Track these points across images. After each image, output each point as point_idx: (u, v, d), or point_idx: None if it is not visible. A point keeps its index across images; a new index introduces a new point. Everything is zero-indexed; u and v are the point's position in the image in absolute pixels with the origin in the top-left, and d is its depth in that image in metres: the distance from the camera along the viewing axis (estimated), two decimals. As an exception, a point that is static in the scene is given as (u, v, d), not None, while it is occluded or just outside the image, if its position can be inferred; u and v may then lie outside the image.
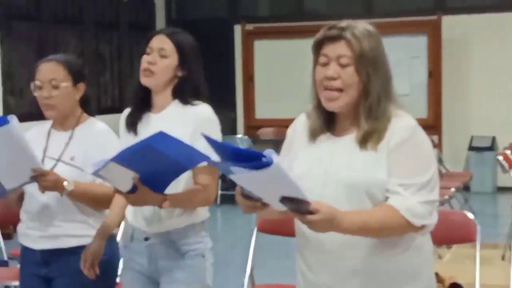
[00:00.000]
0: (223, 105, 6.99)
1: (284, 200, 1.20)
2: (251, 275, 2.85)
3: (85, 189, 2.00)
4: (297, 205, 1.20)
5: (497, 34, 6.36)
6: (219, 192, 4.59)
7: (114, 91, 6.53)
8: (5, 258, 4.09)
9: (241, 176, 1.21)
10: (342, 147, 1.40)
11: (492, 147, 6.22)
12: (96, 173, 1.66)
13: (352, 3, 6.83)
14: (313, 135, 1.44)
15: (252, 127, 6.69)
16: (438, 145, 6.10)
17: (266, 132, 6.64)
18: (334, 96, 1.33)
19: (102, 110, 6.03)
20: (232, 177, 1.25)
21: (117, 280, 2.27)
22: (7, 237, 4.17)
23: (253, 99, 6.93)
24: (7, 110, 5.36)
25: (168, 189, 1.76)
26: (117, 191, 1.73)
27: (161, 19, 7.09)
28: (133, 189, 1.68)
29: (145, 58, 1.83)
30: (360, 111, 1.38)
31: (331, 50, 1.35)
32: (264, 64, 6.87)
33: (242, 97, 6.98)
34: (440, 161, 5.79)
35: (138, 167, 1.67)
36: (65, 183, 1.94)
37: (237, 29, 6.78)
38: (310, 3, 7.11)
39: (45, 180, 1.90)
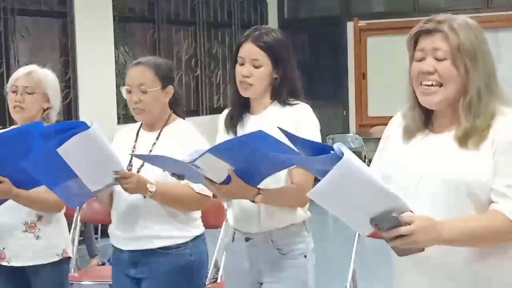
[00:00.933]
0: (335, 103, 6.92)
1: (373, 220, 1.14)
2: (353, 278, 2.78)
3: (168, 190, 1.97)
4: (389, 221, 1.13)
5: None
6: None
7: (226, 90, 6.57)
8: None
9: (328, 190, 1.16)
10: (440, 145, 1.33)
11: None
12: (192, 162, 1.64)
13: None
14: (409, 134, 1.38)
15: (364, 125, 6.52)
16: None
17: (379, 131, 6.16)
18: (431, 90, 1.28)
19: (214, 110, 6.22)
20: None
21: (207, 282, 2.27)
22: (102, 234, 4.41)
23: (366, 97, 6.80)
24: (119, 110, 5.64)
25: (263, 183, 1.74)
26: (210, 182, 1.69)
27: (274, 18, 7.18)
28: (227, 181, 1.66)
29: (239, 70, 1.79)
30: (459, 108, 1.32)
31: (427, 43, 1.30)
32: (377, 61, 6.72)
33: (354, 95, 6.84)
34: None
35: (234, 160, 1.65)
36: (148, 185, 1.91)
37: (350, 26, 6.72)
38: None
39: (127, 182, 1.88)
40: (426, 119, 1.38)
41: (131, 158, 2.04)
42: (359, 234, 2.60)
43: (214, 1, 6.60)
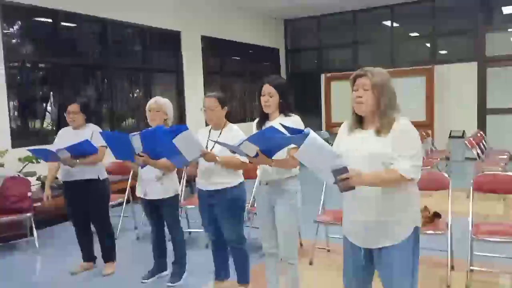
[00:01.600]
0: (315, 115, 10.90)
1: (334, 172, 1.78)
2: (323, 205, 4.04)
3: (228, 160, 2.88)
4: (340, 172, 1.81)
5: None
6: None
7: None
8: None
9: (304, 153, 1.79)
10: (367, 135, 2.03)
11: (462, 136, 9.06)
12: (238, 145, 2.49)
13: (381, 58, 9.99)
14: (350, 129, 2.14)
15: (330, 126, 10.25)
16: (432, 135, 9.00)
17: (336, 129, 9.76)
18: (359, 106, 2.05)
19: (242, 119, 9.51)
20: (309, 161, 1.89)
21: (247, 206, 3.15)
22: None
23: (330, 111, 10.50)
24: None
25: (275, 156, 2.56)
26: (247, 156, 2.56)
27: (284, 71, 11.14)
28: (256, 156, 2.51)
29: (263, 100, 2.70)
30: (376, 115, 2.04)
31: (359, 81, 2.03)
32: (336, 94, 10.42)
33: (324, 110, 10.59)
34: (432, 144, 8.54)
35: (259, 144, 2.46)
36: (217, 158, 2.86)
37: (322, 77, 10.62)
38: (361, 60, 10.34)
39: (207, 156, 2.82)
40: (359, 122, 2.06)
41: (207, 143, 2.97)
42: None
43: (255, 63, 10.10)
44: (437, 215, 3.69)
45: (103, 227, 3.97)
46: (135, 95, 8.11)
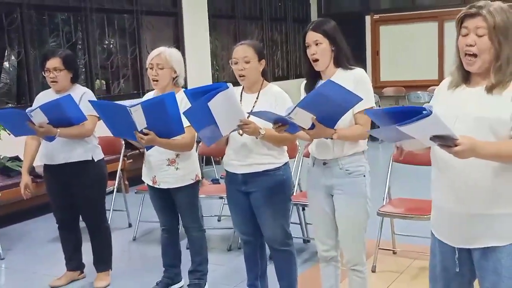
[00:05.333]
0: None
1: (434, 138, 1.72)
2: (388, 192, 4.01)
3: (272, 134, 2.77)
4: (445, 140, 1.72)
5: None
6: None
7: (283, 65, 10.36)
8: (217, 177, 5.91)
9: (407, 129, 1.72)
10: (474, 94, 1.99)
11: None
12: (288, 115, 2.45)
13: None
14: (453, 86, 2.08)
15: (378, 87, 10.16)
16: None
17: (388, 91, 9.99)
18: (473, 61, 1.95)
19: (275, 78, 9.73)
20: (387, 135, 1.95)
21: (294, 194, 3.22)
22: (217, 163, 6.18)
23: (379, 67, 10.54)
24: (213, 80, 8.45)
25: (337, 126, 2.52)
26: (302, 129, 2.53)
27: (315, 13, 11.12)
28: (312, 127, 2.47)
29: (309, 52, 2.67)
30: (490, 69, 1.95)
31: (470, 23, 1.93)
32: (385, 43, 10.53)
33: (371, 66, 10.61)
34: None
35: (315, 111, 2.40)
36: (261, 130, 2.77)
37: (368, 19, 10.57)
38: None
39: (248, 127, 2.75)
40: (466, 76, 2.03)
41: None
42: (392, 161, 3.88)
43: (275, 2, 10.12)
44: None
45: (98, 225, 3.93)
46: (120, 47, 8.05)
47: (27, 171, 3.80)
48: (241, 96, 3.04)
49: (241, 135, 2.89)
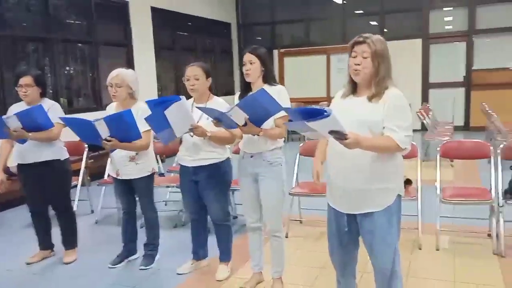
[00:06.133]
0: None
1: (331, 132, 1.81)
2: (297, 178, 4.08)
3: (216, 134, 2.79)
4: (339, 134, 1.83)
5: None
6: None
7: (213, 85, 9.96)
8: (163, 171, 5.46)
9: (313, 125, 1.76)
10: (359, 101, 2.08)
11: None
12: (228, 112, 2.43)
13: (334, 35, 10.27)
14: (345, 96, 2.16)
15: None
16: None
17: (292, 105, 10.19)
18: (357, 72, 2.04)
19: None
20: (299, 128, 1.91)
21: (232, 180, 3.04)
22: (163, 161, 5.69)
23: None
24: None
25: (262, 126, 2.51)
26: (236, 125, 2.47)
27: (236, 48, 11.02)
28: (245, 124, 2.47)
29: (244, 68, 2.64)
30: (372, 83, 2.04)
31: (358, 48, 2.03)
32: (289, 70, 10.69)
33: None
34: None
35: (248, 112, 2.41)
36: (207, 132, 2.75)
37: (275, 52, 10.66)
38: (312, 36, 10.71)
39: (197, 130, 2.72)
40: (353, 89, 2.11)
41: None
42: (299, 154, 3.98)
43: (206, 38, 9.86)
44: (409, 182, 3.76)
45: (65, 212, 3.69)
46: (81, 71, 7.58)
47: (2, 170, 3.51)
48: (192, 105, 2.92)
49: (192, 136, 2.83)
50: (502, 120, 6.60)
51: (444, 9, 9.98)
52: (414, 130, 5.72)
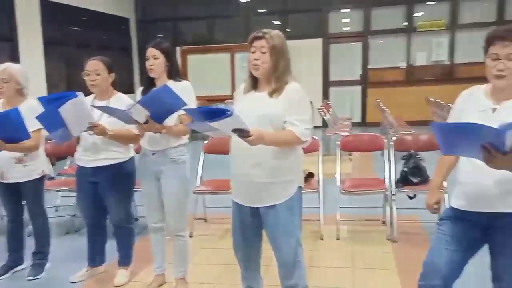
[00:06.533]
0: None
1: (234, 130, 1.84)
2: (201, 177, 4.03)
3: (119, 133, 2.68)
4: (242, 132, 1.86)
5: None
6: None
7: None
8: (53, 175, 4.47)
9: (215, 125, 1.77)
10: (260, 97, 2.11)
11: None
12: (128, 110, 2.35)
13: (238, 33, 10.31)
14: (246, 91, 2.16)
15: None
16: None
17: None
18: (256, 67, 2.06)
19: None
20: (201, 128, 1.91)
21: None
22: (53, 164, 4.65)
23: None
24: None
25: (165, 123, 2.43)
26: (136, 123, 2.39)
27: (135, 45, 10.67)
28: (146, 122, 2.39)
29: (147, 63, 2.57)
30: (272, 78, 2.08)
31: (257, 44, 2.06)
32: (193, 67, 10.65)
33: None
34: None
35: (150, 108, 2.34)
36: (108, 131, 2.63)
37: (178, 49, 10.50)
38: (216, 34, 10.79)
39: (97, 129, 2.60)
40: (255, 84, 2.12)
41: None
42: (204, 152, 3.95)
43: (103, 33, 9.37)
44: (311, 175, 3.93)
45: None
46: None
47: None
48: (92, 102, 2.80)
49: (91, 135, 2.70)
50: (394, 115, 7.22)
51: (342, 10, 10.60)
52: (316, 127, 5.78)
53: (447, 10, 10.04)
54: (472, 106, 1.86)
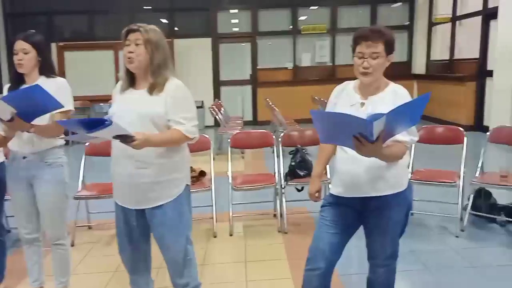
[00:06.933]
0: None
1: (116, 137, 1.84)
2: (83, 180, 3.85)
3: None
4: (125, 138, 1.84)
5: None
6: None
7: None
8: None
9: (94, 135, 1.76)
10: (139, 95, 2.06)
11: (201, 106, 9.84)
12: None
13: (120, 30, 10.03)
14: (123, 90, 2.11)
15: None
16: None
17: (76, 104, 9.46)
18: (131, 61, 2.03)
19: None
20: (80, 138, 1.88)
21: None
22: None
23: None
24: None
25: (37, 122, 2.23)
26: (1, 120, 2.16)
27: (2, 38, 9.64)
28: (11, 119, 2.17)
29: (15, 58, 2.40)
30: (148, 74, 2.04)
31: (132, 36, 2.03)
32: (71, 65, 10.02)
33: None
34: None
35: (17, 106, 2.14)
36: None
37: (54, 46, 9.72)
38: (97, 30, 10.30)
39: None
40: (131, 81, 2.08)
41: None
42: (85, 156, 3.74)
43: None
44: (202, 173, 3.93)
45: None
46: None
47: None
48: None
49: None
50: (283, 114, 7.54)
51: (231, 11, 10.80)
52: (208, 126, 6.74)
53: (327, 15, 10.80)
54: (344, 100, 2.04)
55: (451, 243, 3.52)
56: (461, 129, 3.95)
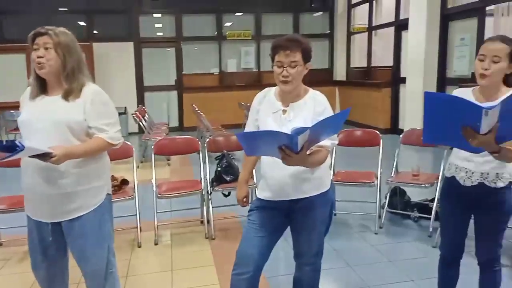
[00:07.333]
0: None
1: (33, 156, 1.81)
2: None
3: None
4: (44, 156, 1.80)
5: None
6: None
7: None
8: None
9: (14, 157, 1.73)
10: (52, 101, 1.96)
11: (125, 112, 9.62)
12: None
13: (29, 32, 9.52)
14: (33, 96, 1.99)
15: None
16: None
17: None
18: (42, 66, 1.93)
19: None
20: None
21: None
22: None
23: None
24: None
25: None
26: None
27: None
28: None
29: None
30: (61, 78, 1.95)
31: (40, 40, 1.95)
32: None
33: None
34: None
35: None
36: None
37: None
38: (7, 32, 9.79)
39: None
40: (42, 87, 1.99)
41: None
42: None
43: None
44: (125, 182, 3.84)
45: None
46: None
47: None
48: None
49: None
50: (210, 119, 7.54)
51: (154, 15, 10.60)
52: (132, 133, 6.64)
53: (252, 22, 10.98)
54: (266, 107, 2.10)
55: (371, 240, 3.72)
56: (377, 132, 4.22)
